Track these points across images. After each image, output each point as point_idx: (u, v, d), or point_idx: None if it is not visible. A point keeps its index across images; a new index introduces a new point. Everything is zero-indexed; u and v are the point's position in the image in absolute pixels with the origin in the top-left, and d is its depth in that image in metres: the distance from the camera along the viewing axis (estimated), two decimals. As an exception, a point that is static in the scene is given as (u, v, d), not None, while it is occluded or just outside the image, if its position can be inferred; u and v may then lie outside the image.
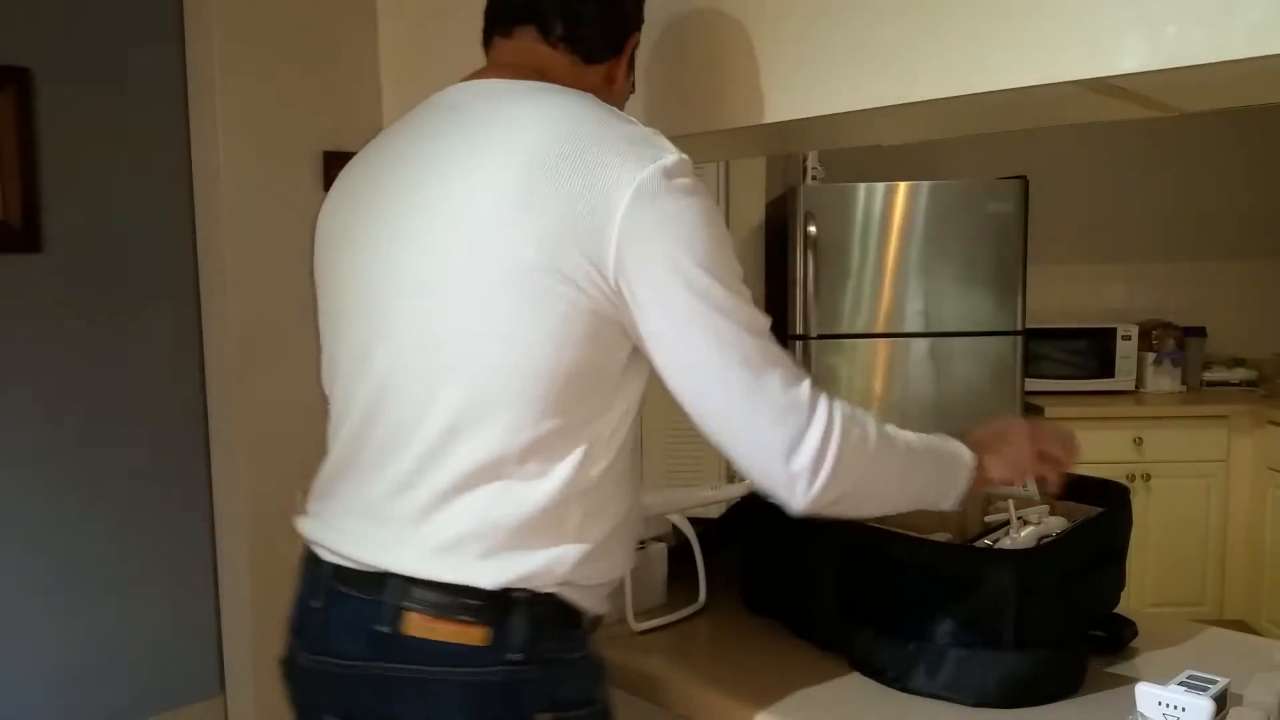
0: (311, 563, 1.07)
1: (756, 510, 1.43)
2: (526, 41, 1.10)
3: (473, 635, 0.96)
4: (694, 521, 1.44)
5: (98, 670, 2.03)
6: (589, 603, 1.05)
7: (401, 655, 0.97)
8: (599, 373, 0.98)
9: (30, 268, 1.92)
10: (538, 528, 0.98)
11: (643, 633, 1.35)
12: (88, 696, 2.02)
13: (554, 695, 0.99)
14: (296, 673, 1.07)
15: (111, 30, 1.99)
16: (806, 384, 0.98)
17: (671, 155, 0.96)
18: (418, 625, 0.96)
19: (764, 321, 0.99)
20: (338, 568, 1.03)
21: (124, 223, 2.03)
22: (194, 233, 2.11)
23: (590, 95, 1.04)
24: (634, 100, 1.46)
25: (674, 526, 1.44)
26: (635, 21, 1.18)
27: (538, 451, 0.97)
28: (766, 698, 1.15)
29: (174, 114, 2.07)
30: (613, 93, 1.16)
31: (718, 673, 1.24)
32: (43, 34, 1.91)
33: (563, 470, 0.98)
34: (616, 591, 1.34)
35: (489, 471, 0.97)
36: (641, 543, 1.42)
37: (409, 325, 1.00)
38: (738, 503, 1.47)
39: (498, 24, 1.12)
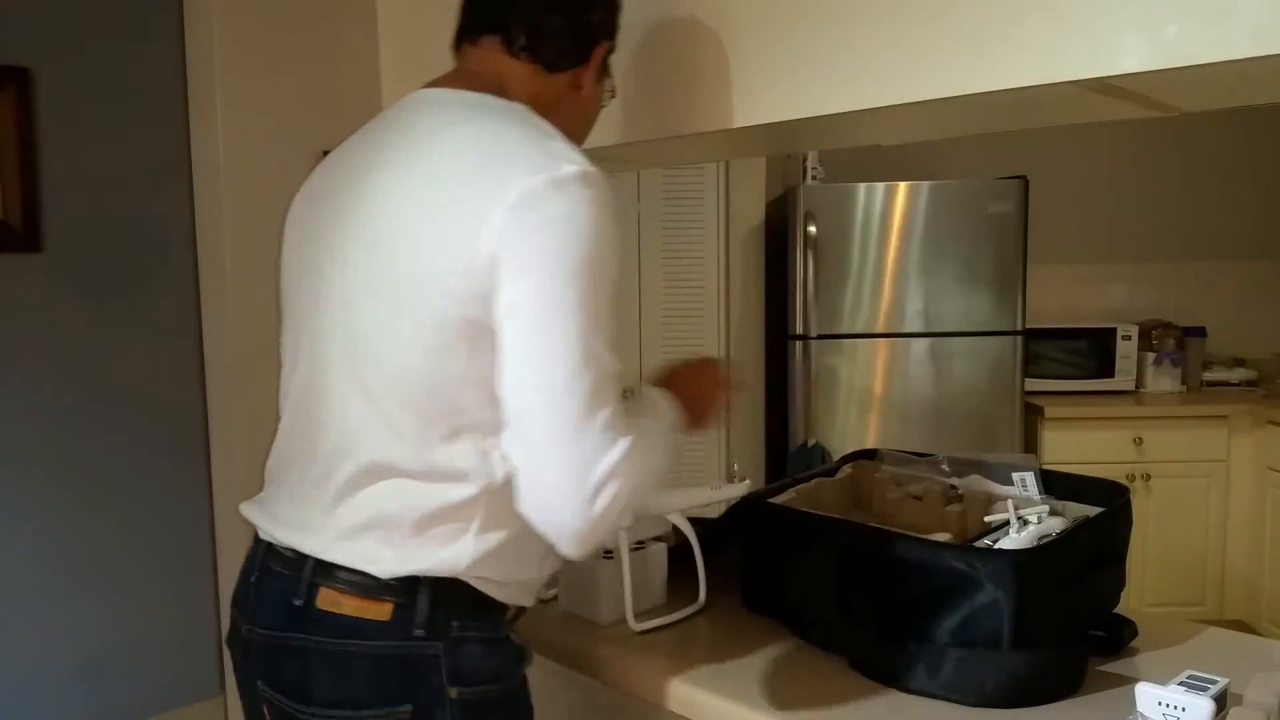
0: (255, 541, 1.16)
1: (756, 510, 1.43)
2: (490, 51, 1.13)
3: (378, 611, 1.02)
4: (694, 521, 1.43)
5: (98, 670, 2.03)
6: (500, 595, 1.08)
7: (314, 627, 1.04)
8: (488, 381, 0.98)
9: (30, 267, 1.92)
10: (436, 524, 1.03)
11: (643, 633, 1.35)
12: (88, 696, 2.02)
13: (460, 671, 1.04)
14: (236, 642, 1.15)
15: (111, 30, 1.99)
16: (625, 441, 0.96)
17: (571, 166, 0.97)
18: (327, 600, 1.04)
19: (614, 363, 0.98)
20: (269, 546, 1.11)
21: (124, 222, 2.03)
22: (194, 233, 2.11)
23: (524, 110, 1.08)
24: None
25: (674, 526, 1.44)
26: (605, 31, 1.19)
27: (434, 453, 1.01)
28: (766, 698, 1.15)
29: (174, 114, 2.07)
30: (579, 99, 1.19)
31: (718, 673, 1.23)
32: (43, 34, 1.91)
33: (464, 472, 1.02)
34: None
35: (386, 469, 1.03)
36: (641, 543, 1.42)
37: (326, 329, 1.07)
38: (738, 503, 1.47)
39: (466, 32, 1.16)
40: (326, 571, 1.04)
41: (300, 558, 1.06)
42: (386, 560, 1.02)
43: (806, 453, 3.57)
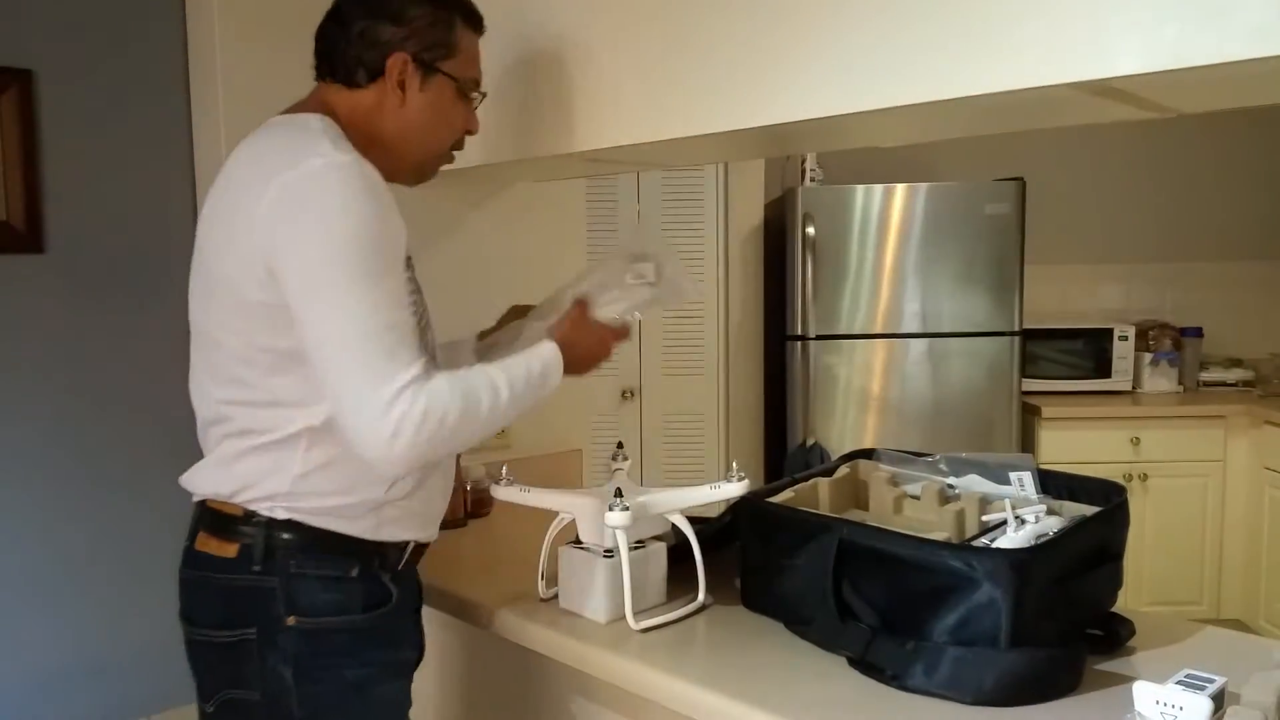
0: None
1: (755, 510, 1.44)
2: (320, 84, 1.35)
3: (227, 550, 1.25)
4: (694, 521, 1.44)
5: (95, 670, 2.03)
6: (350, 529, 1.25)
7: (192, 564, 1.29)
8: (296, 352, 1.17)
9: (32, 268, 1.92)
10: (271, 451, 1.22)
11: (643, 631, 1.36)
12: (85, 696, 2.02)
13: (296, 603, 1.23)
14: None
15: (113, 31, 2.00)
16: (414, 366, 1.13)
17: (318, 159, 1.14)
18: (200, 541, 1.28)
19: (395, 313, 1.14)
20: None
21: (126, 223, 2.03)
22: (195, 233, 2.11)
23: (311, 120, 1.25)
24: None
25: (674, 526, 1.44)
26: (397, 44, 1.30)
27: (273, 408, 1.21)
28: (766, 698, 1.16)
29: (176, 115, 2.08)
30: (398, 111, 1.31)
31: (718, 673, 1.24)
32: (45, 35, 1.92)
33: (291, 417, 1.20)
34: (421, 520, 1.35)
35: (241, 430, 1.24)
36: (641, 542, 1.43)
37: (196, 328, 1.30)
38: (737, 502, 1.48)
39: (316, 73, 1.37)
40: (202, 517, 1.28)
41: (193, 507, 1.30)
42: (230, 484, 1.24)
43: (805, 452, 3.58)
